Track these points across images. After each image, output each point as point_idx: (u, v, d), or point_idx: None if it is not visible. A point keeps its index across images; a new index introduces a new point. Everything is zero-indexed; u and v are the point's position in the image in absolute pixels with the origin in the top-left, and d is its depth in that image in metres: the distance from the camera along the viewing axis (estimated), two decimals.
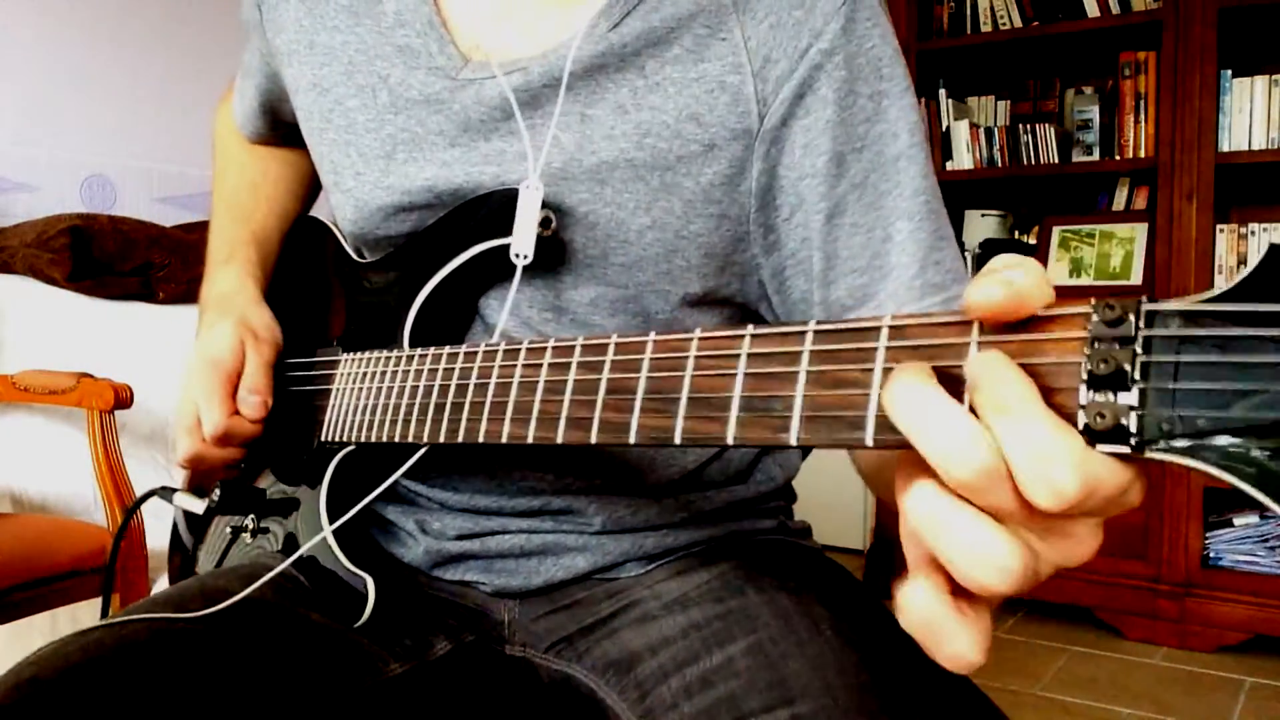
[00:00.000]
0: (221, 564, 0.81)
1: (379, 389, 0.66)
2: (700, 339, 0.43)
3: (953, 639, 0.35)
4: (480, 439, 0.55)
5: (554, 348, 0.51)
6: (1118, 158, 2.71)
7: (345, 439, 0.69)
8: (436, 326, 0.70)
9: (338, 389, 0.71)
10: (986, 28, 2.86)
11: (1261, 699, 2.16)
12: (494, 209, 0.67)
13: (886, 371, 0.36)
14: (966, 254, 2.93)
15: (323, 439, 0.71)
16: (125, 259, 2.11)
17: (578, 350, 0.50)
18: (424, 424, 0.61)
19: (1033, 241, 2.96)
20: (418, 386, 0.62)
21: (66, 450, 1.91)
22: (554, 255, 0.67)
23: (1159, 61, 2.55)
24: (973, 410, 0.33)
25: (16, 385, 1.80)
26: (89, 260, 2.06)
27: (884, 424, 0.35)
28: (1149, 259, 2.63)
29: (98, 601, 1.64)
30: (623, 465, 0.72)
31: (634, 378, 0.46)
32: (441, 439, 0.58)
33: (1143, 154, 2.65)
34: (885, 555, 2.86)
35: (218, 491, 0.77)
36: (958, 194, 2.99)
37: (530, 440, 0.51)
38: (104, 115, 2.44)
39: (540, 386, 0.51)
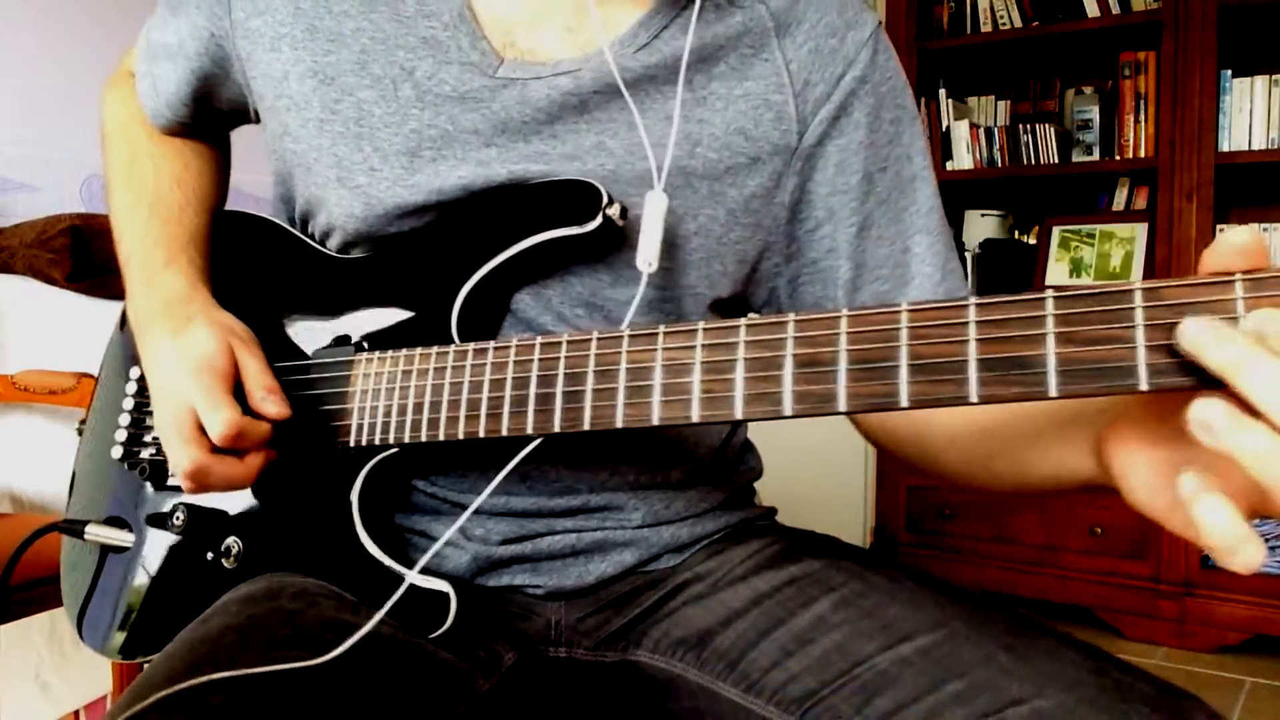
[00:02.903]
0: (202, 593, 0.73)
1: (435, 386, 0.63)
2: (910, 310, 0.46)
3: (1246, 549, 0.39)
4: (619, 424, 0.55)
5: (706, 329, 0.52)
6: (1118, 158, 2.71)
7: (389, 441, 0.65)
8: (472, 323, 0.67)
9: (362, 390, 0.67)
10: (986, 28, 2.86)
11: (1261, 699, 2.16)
12: (561, 199, 0.65)
13: (1149, 329, 0.41)
14: (966, 254, 2.93)
15: (352, 444, 0.68)
16: None
17: (743, 330, 0.51)
18: (524, 416, 0.58)
19: (1033, 241, 2.95)
20: (503, 379, 0.60)
21: (66, 450, 1.91)
22: (614, 242, 0.66)
23: (1159, 61, 2.55)
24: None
25: (16, 385, 1.80)
26: (89, 260, 2.05)
27: (1159, 370, 0.41)
28: (1149, 259, 2.63)
29: None
30: (652, 460, 0.72)
31: (831, 350, 0.48)
32: (557, 428, 0.57)
33: (1143, 154, 2.64)
34: (886, 554, 2.85)
35: (181, 515, 0.71)
36: (958, 194, 2.99)
37: (695, 420, 0.52)
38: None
39: (697, 367, 0.52)
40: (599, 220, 0.63)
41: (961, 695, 0.53)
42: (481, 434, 0.60)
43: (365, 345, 0.70)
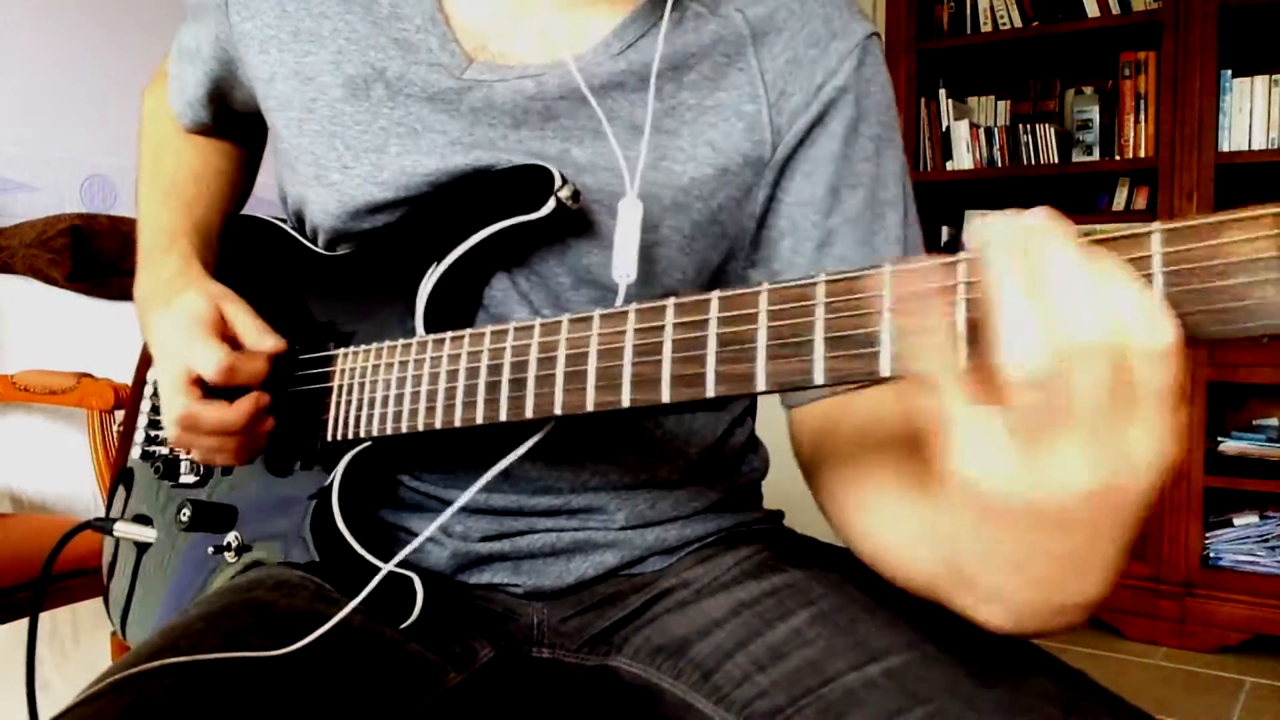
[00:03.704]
0: (205, 586, 0.76)
1: (399, 379, 0.64)
2: (828, 283, 0.45)
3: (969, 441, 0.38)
4: (557, 410, 0.54)
5: (639, 311, 0.51)
6: (1118, 158, 2.71)
7: (360, 435, 0.67)
8: (443, 316, 0.68)
9: (341, 385, 0.69)
10: (986, 28, 2.86)
11: (1261, 699, 2.16)
12: (515, 186, 0.65)
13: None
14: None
15: (329, 438, 0.69)
16: (125, 259, 2.11)
17: (670, 311, 0.50)
18: (474, 406, 0.59)
19: None
20: (456, 370, 0.60)
21: (66, 450, 1.91)
22: (570, 226, 0.66)
23: (1159, 61, 2.55)
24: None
25: (16, 385, 1.80)
26: (89, 260, 2.05)
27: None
28: None
29: (97, 602, 1.64)
30: (636, 460, 0.72)
31: (751, 329, 0.47)
32: (503, 417, 0.57)
33: (1143, 154, 2.65)
34: None
35: (188, 510, 0.73)
36: (958, 194, 2.99)
37: (626, 405, 0.51)
38: (104, 115, 2.44)
39: (628, 350, 0.51)
40: (551, 205, 0.63)
41: None
42: (438, 425, 0.61)
43: (347, 340, 0.71)
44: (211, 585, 0.77)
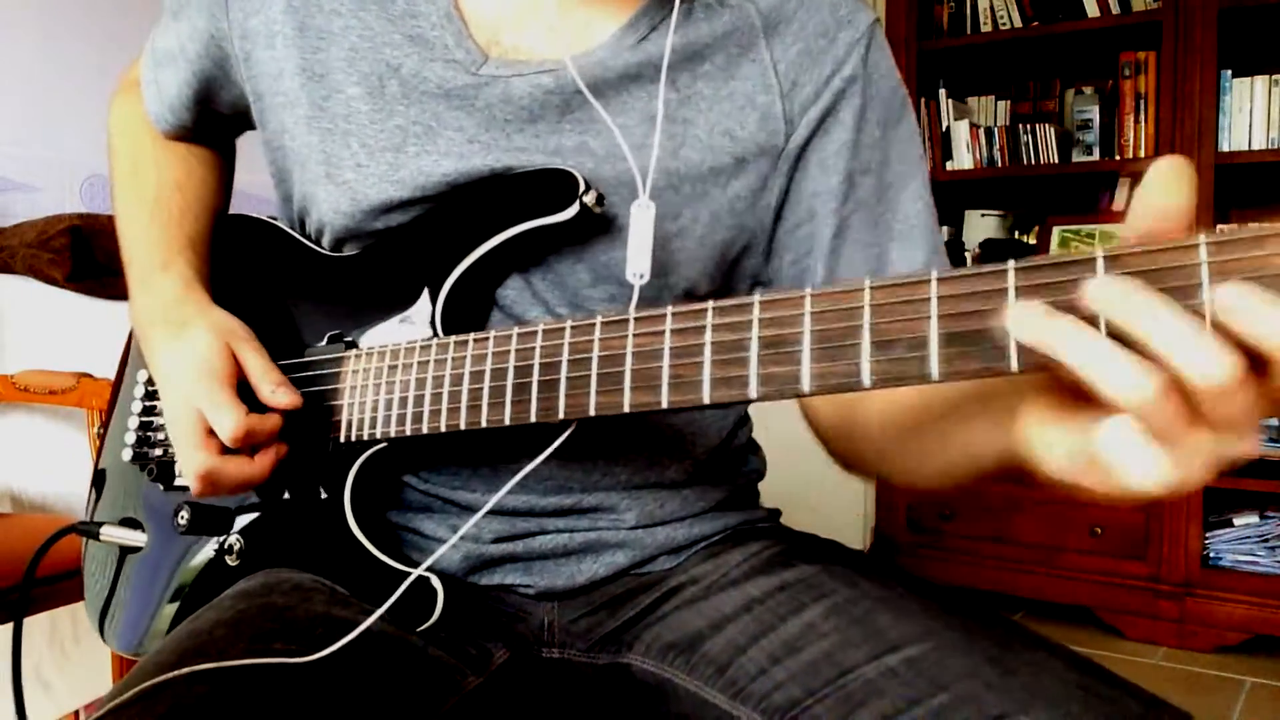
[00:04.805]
0: (200, 589, 0.76)
1: (419, 380, 0.64)
2: (873, 287, 0.45)
3: (1144, 460, 0.38)
4: (591, 412, 0.54)
5: (675, 314, 0.51)
6: (1118, 158, 2.71)
7: (377, 436, 0.66)
8: (458, 316, 0.68)
9: (353, 385, 0.68)
10: (986, 28, 2.86)
11: (1261, 699, 2.16)
12: (538, 188, 0.65)
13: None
14: (966, 254, 2.93)
15: (343, 439, 0.68)
16: None
17: (710, 313, 0.50)
18: (501, 407, 0.58)
19: (1033, 241, 2.96)
20: (482, 371, 0.60)
21: (66, 450, 1.91)
22: (594, 229, 0.66)
23: (1159, 61, 2.55)
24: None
25: (16, 385, 1.80)
26: (89, 260, 2.05)
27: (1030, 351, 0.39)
28: None
29: None
30: (646, 461, 0.72)
31: (796, 331, 0.47)
32: (533, 419, 0.57)
33: (1143, 154, 2.64)
34: (885, 555, 2.86)
35: (186, 513, 0.72)
36: (958, 194, 2.99)
37: (664, 406, 0.51)
38: (104, 115, 2.44)
39: (666, 351, 0.51)
40: (576, 208, 0.63)
41: (945, 709, 0.53)
42: (463, 426, 0.61)
43: (356, 342, 0.71)
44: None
